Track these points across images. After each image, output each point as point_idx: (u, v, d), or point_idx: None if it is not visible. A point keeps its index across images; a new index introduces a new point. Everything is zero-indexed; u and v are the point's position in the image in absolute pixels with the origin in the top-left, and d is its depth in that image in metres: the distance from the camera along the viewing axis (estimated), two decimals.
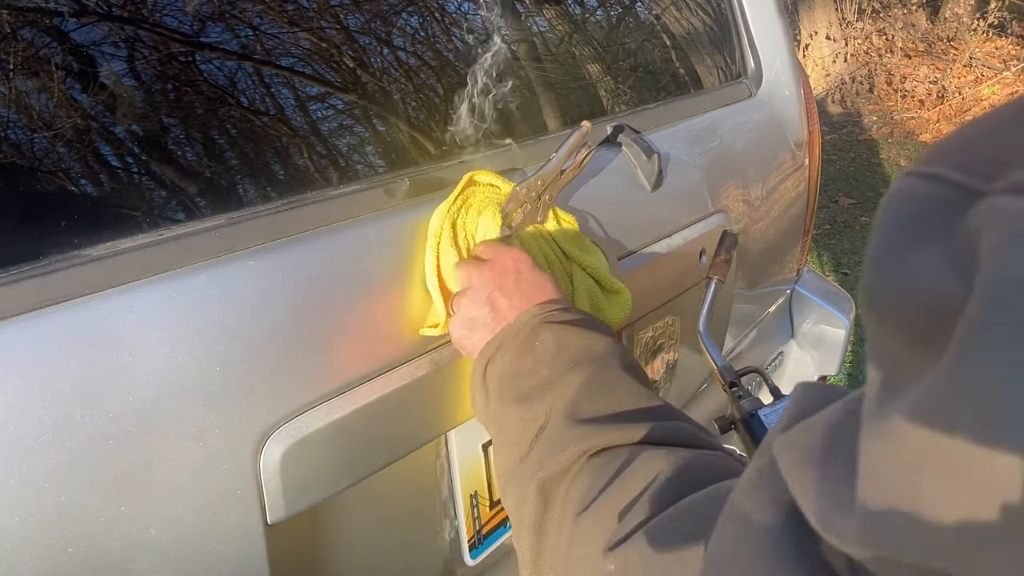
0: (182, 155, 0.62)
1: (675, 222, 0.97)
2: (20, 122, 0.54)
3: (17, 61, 0.54)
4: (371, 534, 0.73)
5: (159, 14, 0.62)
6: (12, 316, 0.49)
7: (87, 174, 0.57)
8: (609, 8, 1.17)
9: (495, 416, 0.57)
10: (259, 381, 0.58)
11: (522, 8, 0.98)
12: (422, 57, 0.83)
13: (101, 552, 0.51)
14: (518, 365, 0.56)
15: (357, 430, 0.63)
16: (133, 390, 0.52)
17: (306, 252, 0.63)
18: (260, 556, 0.60)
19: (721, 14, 1.25)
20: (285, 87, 0.70)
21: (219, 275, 0.58)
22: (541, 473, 0.49)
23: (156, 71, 0.61)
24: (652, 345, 1.02)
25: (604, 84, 1.07)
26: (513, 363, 0.57)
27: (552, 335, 0.57)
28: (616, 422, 0.50)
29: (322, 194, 0.68)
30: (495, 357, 0.59)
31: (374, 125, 0.77)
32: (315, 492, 0.62)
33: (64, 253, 0.53)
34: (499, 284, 0.63)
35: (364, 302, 0.65)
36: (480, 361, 0.60)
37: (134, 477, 0.52)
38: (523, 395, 0.54)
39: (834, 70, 5.74)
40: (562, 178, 0.77)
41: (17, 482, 0.47)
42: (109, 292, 0.53)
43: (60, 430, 0.49)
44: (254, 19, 0.68)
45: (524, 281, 0.63)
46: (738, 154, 1.13)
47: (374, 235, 0.68)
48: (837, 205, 3.82)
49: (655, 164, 0.92)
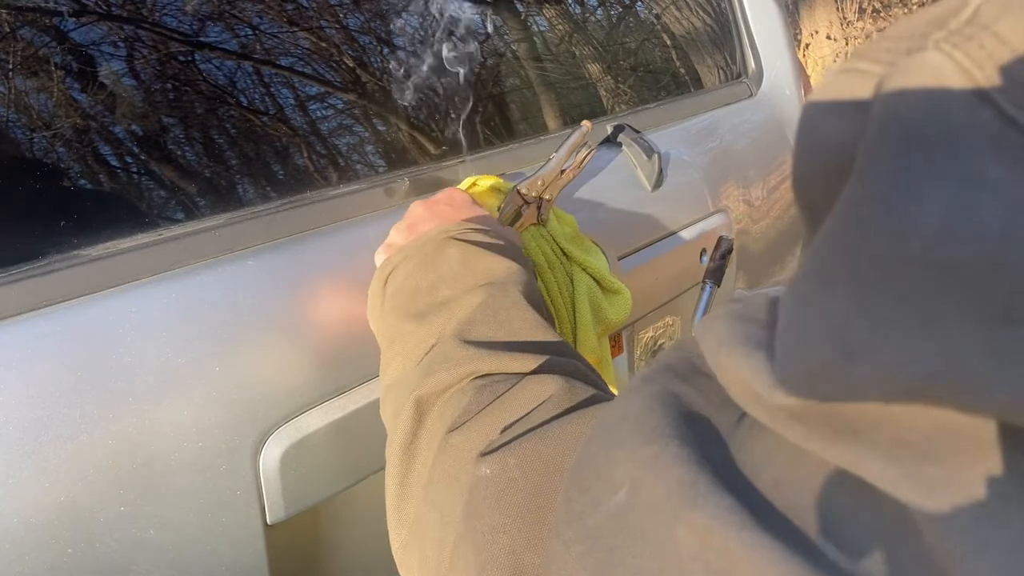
0: (182, 155, 0.62)
1: (675, 222, 0.97)
2: (20, 122, 0.54)
3: (17, 61, 0.54)
4: (371, 534, 0.73)
5: (159, 14, 0.62)
6: (12, 316, 0.49)
7: (87, 174, 0.57)
8: (609, 8, 1.16)
9: (389, 329, 0.54)
10: (259, 381, 0.58)
11: (522, 8, 0.98)
12: (422, 57, 0.83)
13: (101, 552, 0.51)
14: (419, 279, 0.54)
15: (357, 430, 0.63)
16: (133, 390, 0.52)
17: (306, 252, 0.63)
18: (259, 556, 0.60)
19: (721, 14, 1.25)
20: (285, 87, 0.70)
21: (219, 275, 0.58)
22: (420, 390, 0.46)
23: (156, 71, 0.61)
24: (652, 345, 1.02)
25: (604, 84, 1.06)
26: (414, 275, 0.55)
27: (458, 253, 0.55)
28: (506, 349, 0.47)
29: (322, 194, 0.68)
30: (399, 267, 0.56)
31: (374, 125, 0.77)
32: (315, 492, 0.62)
33: (64, 253, 0.53)
34: (428, 211, 0.62)
35: (364, 302, 0.65)
36: (384, 269, 0.57)
37: (134, 477, 0.52)
38: (419, 312, 0.52)
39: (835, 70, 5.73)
40: (562, 178, 0.77)
41: (17, 482, 0.47)
42: (109, 292, 0.53)
43: (60, 430, 0.49)
44: (254, 19, 0.68)
45: (451, 210, 0.62)
46: (738, 154, 1.13)
47: (374, 235, 0.68)
48: None
49: (655, 164, 0.92)
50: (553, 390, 0.42)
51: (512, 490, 0.37)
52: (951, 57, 0.19)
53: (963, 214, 0.18)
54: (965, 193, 0.18)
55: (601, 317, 0.78)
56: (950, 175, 0.18)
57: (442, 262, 0.54)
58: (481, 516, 0.37)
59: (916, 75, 0.19)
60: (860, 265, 0.19)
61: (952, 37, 0.19)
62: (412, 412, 0.46)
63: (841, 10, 5.92)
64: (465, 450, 0.41)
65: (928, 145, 0.19)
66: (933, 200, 0.18)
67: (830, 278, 0.20)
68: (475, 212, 0.63)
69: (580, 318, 0.77)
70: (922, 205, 0.18)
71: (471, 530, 0.37)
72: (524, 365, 0.46)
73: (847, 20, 5.89)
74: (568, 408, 0.41)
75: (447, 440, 0.42)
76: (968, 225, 0.17)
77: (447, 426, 0.43)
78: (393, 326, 0.53)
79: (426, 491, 0.42)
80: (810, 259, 0.21)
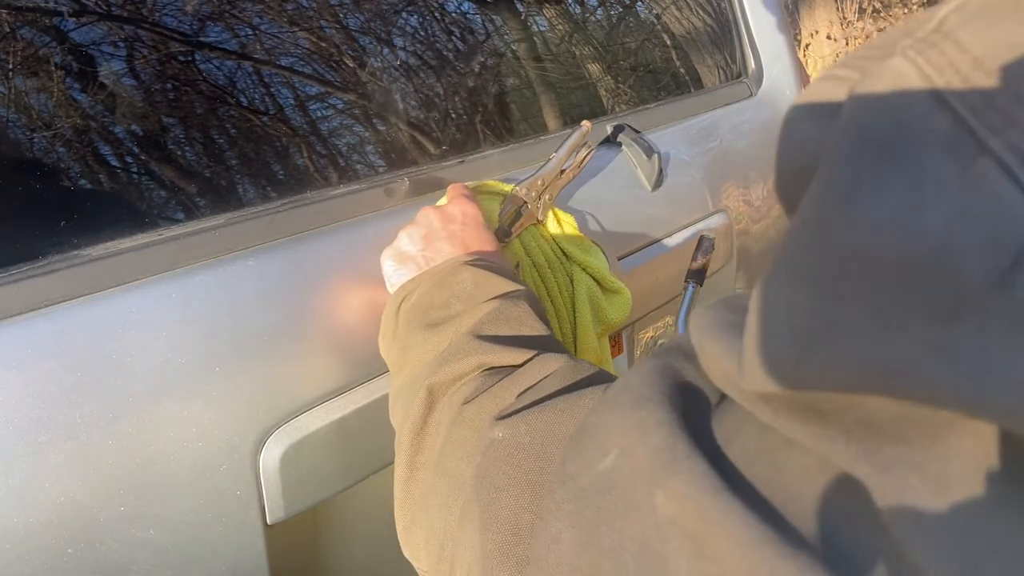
0: (182, 155, 0.62)
1: (675, 222, 0.97)
2: (20, 122, 0.54)
3: (17, 61, 0.54)
4: (371, 534, 0.73)
5: (159, 14, 0.62)
6: (12, 316, 0.49)
7: (87, 174, 0.57)
8: (609, 8, 1.16)
9: (401, 341, 0.56)
10: (259, 381, 0.58)
11: (522, 8, 0.98)
12: (422, 57, 0.83)
13: (101, 552, 0.51)
14: (432, 297, 0.56)
15: (357, 430, 0.63)
16: (133, 390, 0.52)
17: (306, 252, 0.63)
18: (260, 556, 0.60)
19: (721, 14, 1.25)
20: (285, 87, 0.70)
21: (219, 275, 0.58)
22: (432, 378, 0.48)
23: (156, 71, 0.61)
24: (652, 345, 1.02)
25: (604, 84, 1.06)
26: (428, 294, 0.56)
27: (471, 275, 0.56)
28: (516, 345, 0.49)
29: (322, 194, 0.68)
30: (411, 295, 0.58)
31: (374, 125, 0.77)
32: (315, 492, 0.62)
33: (64, 253, 0.53)
34: (442, 226, 0.63)
35: (364, 302, 0.65)
36: (396, 297, 0.59)
37: (134, 477, 0.52)
38: (432, 323, 0.54)
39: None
40: (562, 178, 0.77)
41: (17, 482, 0.47)
42: (109, 292, 0.53)
43: (60, 430, 0.49)
44: (254, 19, 0.68)
45: (466, 231, 0.63)
46: (738, 154, 1.13)
47: (374, 235, 0.68)
48: None
49: (655, 164, 0.92)
50: (559, 365, 0.44)
51: (520, 454, 0.38)
52: (914, 63, 0.20)
53: (911, 213, 0.18)
54: (914, 193, 0.18)
55: (601, 317, 0.78)
56: (902, 175, 0.19)
57: (456, 282, 0.56)
58: (489, 476, 0.38)
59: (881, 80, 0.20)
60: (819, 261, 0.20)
61: (917, 44, 0.20)
62: (424, 398, 0.47)
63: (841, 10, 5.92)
64: (478, 419, 0.42)
65: (884, 146, 0.19)
66: (885, 199, 0.19)
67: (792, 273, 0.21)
68: (486, 234, 0.64)
69: (580, 318, 0.77)
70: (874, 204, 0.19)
71: (478, 489, 0.38)
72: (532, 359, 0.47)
73: (847, 20, 5.89)
74: (576, 380, 0.42)
75: (460, 413, 0.44)
76: (915, 224, 0.18)
77: (461, 400, 0.44)
78: (406, 337, 0.55)
79: (437, 464, 0.43)
80: (777, 255, 0.22)
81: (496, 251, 0.64)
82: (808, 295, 0.20)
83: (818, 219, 0.20)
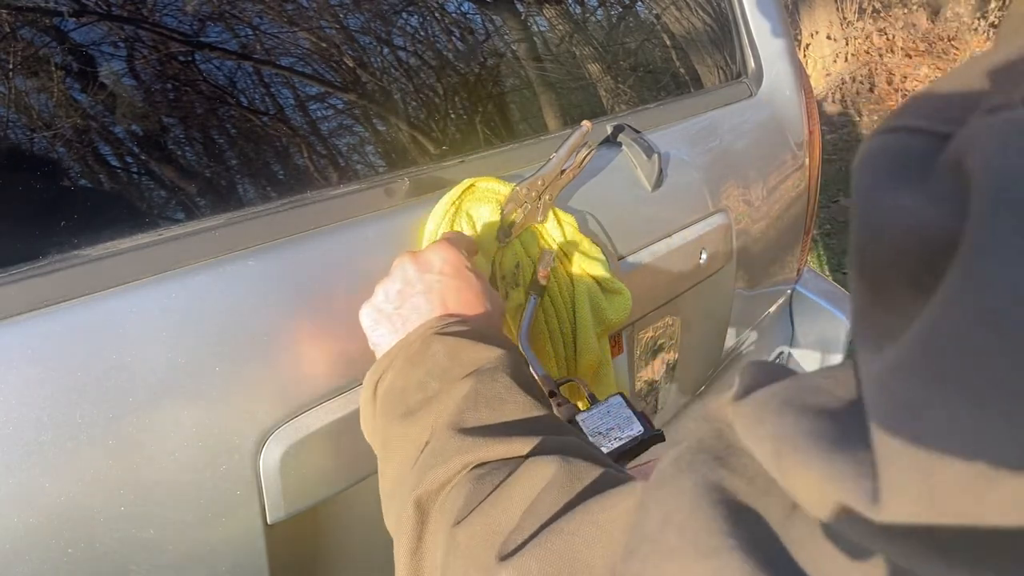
0: (182, 155, 0.62)
1: (675, 222, 0.97)
2: (20, 122, 0.54)
3: (17, 61, 0.54)
4: (371, 534, 0.73)
5: (159, 14, 0.62)
6: (12, 316, 0.49)
7: (87, 174, 0.57)
8: (609, 8, 1.16)
9: (381, 433, 0.53)
10: (259, 381, 0.58)
11: (522, 8, 0.98)
12: (422, 57, 0.83)
13: (101, 552, 0.51)
14: (406, 378, 0.53)
15: (357, 430, 0.63)
16: (133, 390, 0.52)
17: (306, 252, 0.63)
18: (260, 556, 0.60)
19: (721, 14, 1.25)
20: (285, 87, 0.70)
21: (219, 275, 0.58)
22: (418, 490, 0.45)
23: (156, 71, 0.61)
24: (652, 345, 1.02)
25: (604, 84, 1.06)
26: (401, 375, 0.54)
27: (443, 347, 0.54)
28: (501, 434, 0.46)
29: (322, 194, 0.68)
30: (385, 375, 0.55)
31: (374, 125, 0.77)
32: (315, 492, 0.62)
33: (64, 253, 0.53)
34: (419, 277, 0.60)
35: (364, 301, 0.65)
36: (372, 378, 0.57)
37: (134, 477, 0.52)
38: (409, 411, 0.51)
39: (835, 70, 5.74)
40: (562, 178, 0.77)
41: (17, 482, 0.47)
42: (109, 292, 0.53)
43: (60, 430, 0.49)
44: (254, 19, 0.68)
45: (444, 282, 0.60)
46: (738, 154, 1.13)
47: (374, 235, 0.68)
48: (837, 205, 3.82)
49: (655, 164, 0.92)
50: (552, 472, 0.41)
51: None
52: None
53: None
54: None
55: (601, 317, 0.78)
56: None
57: (428, 358, 0.53)
58: None
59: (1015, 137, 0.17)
60: (998, 369, 0.17)
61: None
62: (413, 514, 0.44)
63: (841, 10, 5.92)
64: (475, 549, 0.39)
65: None
66: None
67: (953, 380, 0.18)
68: (466, 280, 0.61)
69: (580, 318, 0.77)
70: None
71: None
72: (519, 448, 0.44)
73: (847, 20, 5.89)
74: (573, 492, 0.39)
75: (453, 537, 0.40)
76: None
77: (450, 521, 0.41)
78: (384, 430, 0.52)
79: None
80: (910, 353, 0.18)
81: (477, 295, 0.61)
82: (985, 410, 0.17)
83: (984, 312, 0.17)
